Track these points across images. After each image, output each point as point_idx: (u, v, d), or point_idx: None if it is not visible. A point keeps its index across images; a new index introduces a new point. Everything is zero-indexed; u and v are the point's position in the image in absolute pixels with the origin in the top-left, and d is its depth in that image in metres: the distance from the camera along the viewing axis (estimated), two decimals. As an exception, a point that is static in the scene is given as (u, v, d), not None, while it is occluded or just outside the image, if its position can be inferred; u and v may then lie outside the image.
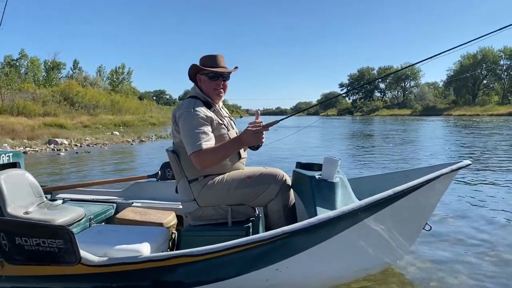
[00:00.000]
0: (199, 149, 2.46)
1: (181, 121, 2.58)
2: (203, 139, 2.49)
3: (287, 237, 2.17)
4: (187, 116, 2.57)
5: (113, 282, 2.25)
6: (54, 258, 2.18)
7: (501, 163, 9.20)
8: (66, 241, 2.13)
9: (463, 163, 2.59)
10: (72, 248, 2.14)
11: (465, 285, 2.88)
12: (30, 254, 2.20)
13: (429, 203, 2.67)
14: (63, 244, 2.13)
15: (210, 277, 2.24)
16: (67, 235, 2.13)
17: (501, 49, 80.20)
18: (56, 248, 2.15)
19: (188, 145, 2.52)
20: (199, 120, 2.55)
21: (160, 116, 46.71)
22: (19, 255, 2.22)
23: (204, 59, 2.77)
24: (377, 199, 2.27)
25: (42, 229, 2.20)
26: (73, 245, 2.13)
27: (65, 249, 2.15)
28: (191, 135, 2.51)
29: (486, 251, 3.54)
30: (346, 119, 63.45)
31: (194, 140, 2.49)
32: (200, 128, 2.53)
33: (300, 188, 2.71)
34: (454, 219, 4.59)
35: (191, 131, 2.52)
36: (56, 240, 2.14)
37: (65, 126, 24.35)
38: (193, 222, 2.74)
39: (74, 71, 53.41)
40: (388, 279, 2.95)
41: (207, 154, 2.47)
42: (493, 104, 70.09)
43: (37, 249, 2.18)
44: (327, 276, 2.47)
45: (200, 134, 2.50)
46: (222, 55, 2.81)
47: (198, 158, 2.47)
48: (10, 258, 2.24)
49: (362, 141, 18.08)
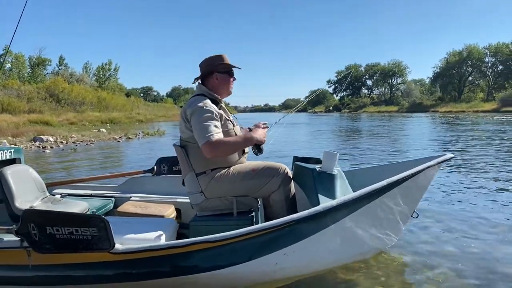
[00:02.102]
0: (210, 140, 2.62)
1: (194, 116, 2.74)
2: (214, 131, 2.67)
3: (295, 224, 2.38)
4: (200, 110, 2.73)
5: (135, 268, 2.39)
6: (87, 245, 2.26)
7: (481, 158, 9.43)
8: (101, 228, 2.22)
9: (446, 156, 2.92)
10: (106, 235, 2.23)
11: (445, 270, 2.97)
12: (61, 242, 2.27)
13: (417, 192, 2.95)
14: (97, 231, 2.23)
15: (224, 262, 2.39)
16: (102, 223, 2.23)
17: (486, 47, 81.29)
18: (90, 235, 2.24)
19: (200, 137, 2.67)
20: (210, 115, 2.73)
21: (148, 113, 46.51)
22: (49, 244, 2.28)
23: (215, 59, 2.94)
24: (373, 189, 2.52)
25: (76, 219, 2.28)
26: (108, 232, 2.23)
27: (98, 236, 2.24)
28: (203, 127, 2.67)
29: (465, 237, 3.72)
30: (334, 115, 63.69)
31: (206, 132, 2.65)
32: (211, 122, 2.70)
33: (302, 179, 2.93)
34: (438, 208, 4.79)
35: (203, 123, 2.69)
36: (89, 228, 2.23)
37: (50, 123, 24.09)
38: (200, 212, 2.92)
39: (60, 67, 52.95)
40: (378, 266, 3.07)
41: (219, 145, 2.65)
42: (478, 101, 71.00)
43: (69, 237, 2.25)
44: (329, 259, 2.71)
45: (211, 127, 2.67)
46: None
47: (210, 147, 2.63)
48: (39, 247, 2.29)
49: (350, 137, 18.19)
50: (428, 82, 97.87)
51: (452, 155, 2.98)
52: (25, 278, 2.45)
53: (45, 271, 2.43)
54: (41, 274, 2.43)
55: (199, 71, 3.02)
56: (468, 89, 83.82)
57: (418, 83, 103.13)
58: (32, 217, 2.27)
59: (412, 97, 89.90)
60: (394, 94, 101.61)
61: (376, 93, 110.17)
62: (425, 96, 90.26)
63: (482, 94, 78.80)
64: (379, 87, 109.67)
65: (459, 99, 77.69)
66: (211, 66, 2.93)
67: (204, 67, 2.96)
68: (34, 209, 2.57)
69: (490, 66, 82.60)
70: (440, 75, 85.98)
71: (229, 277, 2.43)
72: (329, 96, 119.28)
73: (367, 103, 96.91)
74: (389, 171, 3.02)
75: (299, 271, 2.65)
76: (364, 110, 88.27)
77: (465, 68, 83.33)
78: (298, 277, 2.72)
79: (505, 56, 77.81)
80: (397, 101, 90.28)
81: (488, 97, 74.67)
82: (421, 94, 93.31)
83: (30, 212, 2.32)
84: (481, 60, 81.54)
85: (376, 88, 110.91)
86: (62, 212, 2.57)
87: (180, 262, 2.39)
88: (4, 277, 2.48)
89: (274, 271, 2.51)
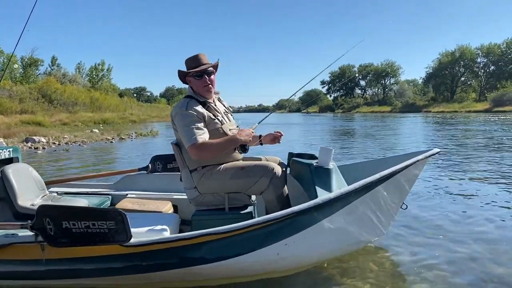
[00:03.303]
0: (193, 143, 2.75)
1: (176, 120, 2.88)
2: (197, 133, 2.77)
3: (296, 215, 2.53)
4: (181, 115, 2.85)
5: (146, 260, 2.48)
6: (103, 238, 2.33)
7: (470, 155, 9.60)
8: (118, 221, 2.30)
9: (433, 151, 3.13)
10: (124, 227, 2.31)
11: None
12: (77, 236, 2.34)
13: (406, 185, 3.12)
14: (114, 224, 2.30)
15: (230, 253, 2.51)
16: (119, 216, 2.30)
17: (478, 47, 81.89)
18: (107, 228, 2.31)
19: (185, 140, 2.81)
20: (191, 118, 2.82)
21: (141, 113, 46.35)
22: (65, 238, 2.35)
23: (188, 62, 3.02)
24: (368, 182, 2.71)
25: (93, 213, 2.36)
26: (125, 225, 2.31)
27: (115, 229, 2.31)
28: (186, 131, 2.79)
29: (448, 230, 3.86)
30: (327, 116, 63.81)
31: (189, 135, 2.77)
32: (194, 125, 2.80)
33: (299, 174, 3.13)
34: (424, 202, 4.98)
35: (185, 127, 2.80)
36: (107, 221, 2.30)
37: (43, 123, 23.93)
38: (196, 207, 3.05)
39: (53, 67, 52.52)
40: (368, 257, 3.23)
41: (203, 147, 2.76)
42: (470, 101, 71.60)
43: (86, 231, 2.32)
44: (326, 249, 2.83)
45: (194, 130, 2.78)
46: (203, 53, 3.04)
47: (194, 150, 2.76)
48: (54, 241, 2.36)
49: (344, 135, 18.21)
50: (421, 83, 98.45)
51: (439, 150, 3.19)
52: (39, 272, 2.51)
53: (58, 264, 2.50)
54: (55, 268, 2.50)
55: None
56: (461, 90, 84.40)
57: (411, 83, 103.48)
58: (48, 212, 2.33)
59: (405, 97, 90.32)
60: (387, 94, 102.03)
61: (369, 94, 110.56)
62: (418, 97, 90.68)
63: (474, 95, 79.42)
64: (372, 88, 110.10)
65: (452, 99, 78.24)
66: (181, 72, 3.04)
67: (179, 74, 3.07)
68: (50, 204, 2.62)
69: (482, 67, 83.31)
70: (432, 76, 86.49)
71: (234, 267, 2.56)
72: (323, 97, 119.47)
73: (361, 104, 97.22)
74: (380, 165, 3.15)
75: (298, 261, 2.76)
76: (357, 110, 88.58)
77: (458, 69, 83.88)
78: (297, 268, 2.83)
79: (497, 57, 78.54)
80: (390, 102, 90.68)
81: (480, 97, 75.30)
82: (414, 94, 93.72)
83: (46, 207, 2.38)
84: (473, 61, 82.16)
85: (370, 88, 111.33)
86: (79, 207, 2.74)
87: (188, 254, 2.49)
88: (18, 272, 2.55)
89: (275, 261, 2.63)
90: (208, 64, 2.99)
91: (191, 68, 2.98)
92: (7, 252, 2.50)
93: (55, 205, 2.71)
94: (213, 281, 2.66)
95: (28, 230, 2.40)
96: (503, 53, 78.52)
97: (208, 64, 2.99)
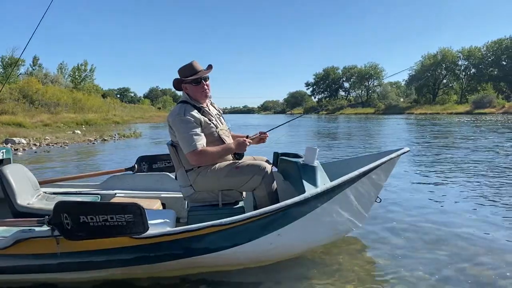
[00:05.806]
0: (193, 149, 2.97)
1: (175, 126, 3.06)
2: (196, 140, 2.98)
3: (287, 208, 2.82)
4: (179, 121, 3.03)
5: (154, 251, 2.66)
6: (121, 230, 2.50)
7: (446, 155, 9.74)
8: (136, 214, 2.46)
9: (405, 150, 3.51)
10: (141, 220, 2.48)
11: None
12: (95, 230, 2.48)
13: (381, 180, 3.47)
14: (132, 217, 2.47)
15: (229, 243, 2.75)
16: (138, 209, 2.46)
17: (460, 50, 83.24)
18: (125, 221, 2.47)
19: (184, 146, 3.01)
20: (190, 124, 3.01)
21: (124, 114, 45.90)
22: (82, 232, 2.49)
23: (183, 70, 3.19)
24: (350, 177, 3.08)
25: (112, 207, 2.51)
26: (143, 217, 2.49)
27: (134, 222, 2.48)
28: (185, 137, 2.99)
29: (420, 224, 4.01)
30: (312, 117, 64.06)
31: (189, 142, 2.97)
32: (192, 131, 3.00)
33: (286, 171, 3.41)
34: (399, 198, 5.20)
35: (184, 133, 2.99)
36: (125, 215, 2.46)
37: (23, 124, 23.48)
38: (191, 203, 3.26)
39: (34, 68, 51.62)
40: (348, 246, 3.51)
41: (201, 155, 2.99)
42: (452, 103, 72.69)
43: (104, 224, 2.47)
44: (314, 238, 3.16)
45: (192, 136, 2.98)
46: (195, 61, 3.22)
47: (194, 157, 2.99)
48: (71, 234, 2.50)
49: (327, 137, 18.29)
50: (404, 85, 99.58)
51: (409, 149, 3.58)
52: (53, 266, 2.65)
53: (72, 258, 2.63)
54: (69, 261, 2.64)
55: (177, 73, 3.23)
56: (443, 92, 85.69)
57: (394, 85, 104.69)
58: (66, 208, 2.48)
59: (388, 99, 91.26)
60: (371, 96, 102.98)
61: (353, 95, 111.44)
62: (401, 99, 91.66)
63: (456, 97, 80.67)
64: (356, 89, 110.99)
65: (434, 101, 79.28)
66: (179, 80, 3.22)
67: (175, 82, 3.25)
68: (68, 201, 2.75)
69: (463, 69, 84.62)
70: (415, 78, 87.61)
71: (232, 256, 2.80)
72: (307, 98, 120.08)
73: (345, 105, 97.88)
74: (357, 163, 3.49)
75: (289, 250, 3.07)
76: (341, 112, 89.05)
77: (440, 71, 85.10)
78: (288, 255, 3.11)
79: (477, 60, 79.91)
80: (374, 103, 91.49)
81: (462, 100, 76.52)
82: (397, 96, 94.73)
83: (64, 203, 2.52)
84: (455, 63, 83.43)
85: (353, 90, 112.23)
86: (98, 202, 3.01)
87: (193, 245, 2.70)
88: (33, 265, 2.65)
89: (269, 250, 2.90)
90: (204, 71, 3.19)
91: (188, 76, 3.14)
92: (23, 247, 2.60)
93: (74, 201, 2.92)
94: (212, 269, 2.89)
95: (41, 226, 2.58)
96: (483, 56, 79.99)
97: (204, 71, 3.19)
